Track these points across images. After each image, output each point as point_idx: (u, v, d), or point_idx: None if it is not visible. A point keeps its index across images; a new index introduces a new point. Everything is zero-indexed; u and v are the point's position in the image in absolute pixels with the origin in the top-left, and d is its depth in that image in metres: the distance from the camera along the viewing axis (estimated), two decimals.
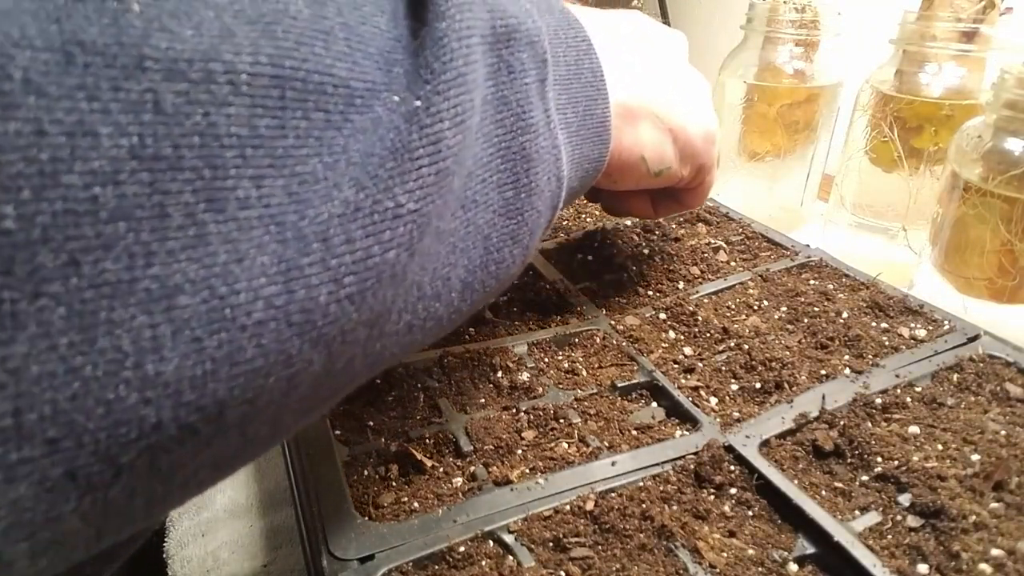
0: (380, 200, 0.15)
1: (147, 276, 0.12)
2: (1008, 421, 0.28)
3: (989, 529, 0.23)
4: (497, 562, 0.23)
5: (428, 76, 0.16)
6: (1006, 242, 0.40)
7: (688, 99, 0.31)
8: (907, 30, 0.50)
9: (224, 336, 0.13)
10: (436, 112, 0.16)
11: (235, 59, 0.13)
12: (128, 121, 0.12)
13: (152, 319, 0.12)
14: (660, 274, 0.41)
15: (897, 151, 0.50)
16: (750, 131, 0.63)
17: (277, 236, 0.13)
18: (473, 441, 0.28)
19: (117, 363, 0.12)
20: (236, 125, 0.13)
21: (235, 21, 0.13)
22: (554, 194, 0.23)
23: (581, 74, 0.26)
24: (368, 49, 0.16)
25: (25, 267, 0.11)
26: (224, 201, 0.13)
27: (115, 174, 0.11)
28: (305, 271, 0.14)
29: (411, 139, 0.16)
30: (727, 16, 1.03)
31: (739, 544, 0.23)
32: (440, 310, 0.19)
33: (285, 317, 0.14)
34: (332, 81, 0.15)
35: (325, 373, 0.16)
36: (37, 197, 0.11)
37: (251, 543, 0.37)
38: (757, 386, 0.31)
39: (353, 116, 0.15)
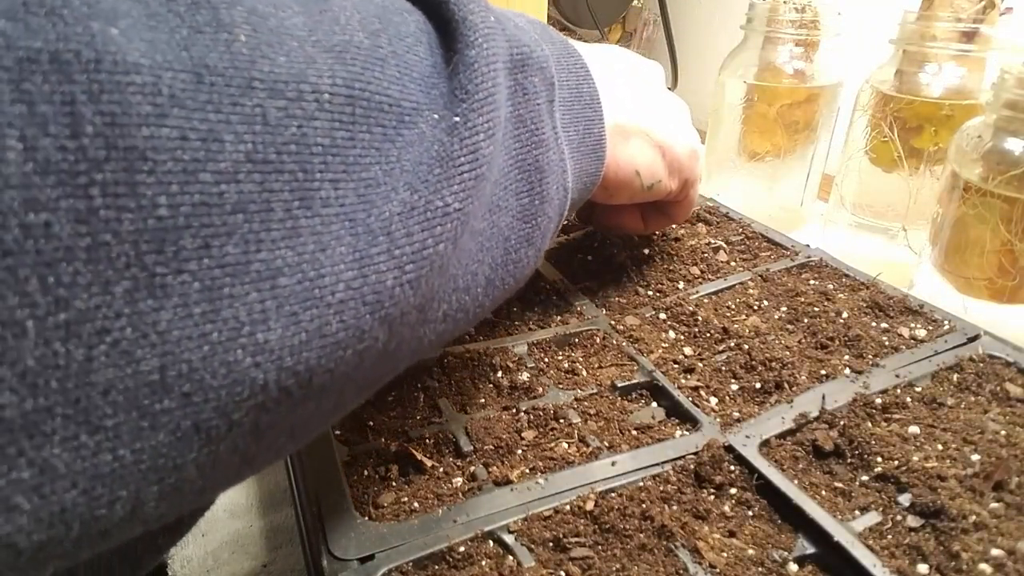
0: (431, 200, 0.18)
1: (257, 259, 0.14)
2: (1008, 421, 0.28)
3: (989, 529, 0.23)
4: (497, 562, 0.23)
5: (463, 96, 0.19)
6: (1006, 242, 0.40)
7: (673, 120, 0.35)
8: (907, 30, 0.50)
9: (315, 312, 0.15)
10: (473, 126, 0.19)
11: (319, 81, 0.15)
12: (244, 131, 0.14)
13: (261, 295, 0.14)
14: (660, 274, 0.41)
15: (897, 151, 0.50)
16: (750, 131, 0.63)
17: (351, 230, 0.16)
18: (473, 441, 0.28)
19: (236, 331, 0.14)
20: (321, 136, 0.15)
21: (315, 50, 0.16)
22: (561, 202, 0.26)
23: (581, 97, 0.28)
24: (413, 74, 0.18)
25: (172, 248, 0.13)
26: (311, 200, 0.15)
27: (235, 174, 0.14)
28: (375, 259, 0.16)
29: (453, 149, 0.18)
30: (727, 16, 1.03)
31: (739, 544, 0.23)
32: (468, 303, 0.22)
33: (361, 297, 0.16)
34: (388, 101, 0.17)
35: (384, 351, 0.18)
36: (182, 190, 0.13)
37: (251, 543, 0.37)
38: (757, 386, 0.31)
39: (403, 131, 0.17)
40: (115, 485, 0.13)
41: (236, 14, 0.15)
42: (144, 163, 0.12)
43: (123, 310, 0.12)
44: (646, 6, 1.19)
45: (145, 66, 0.12)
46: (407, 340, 0.19)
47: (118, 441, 0.12)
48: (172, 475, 0.14)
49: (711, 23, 1.07)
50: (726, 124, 0.64)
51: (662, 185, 0.34)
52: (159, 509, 0.14)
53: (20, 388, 0.11)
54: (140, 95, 0.12)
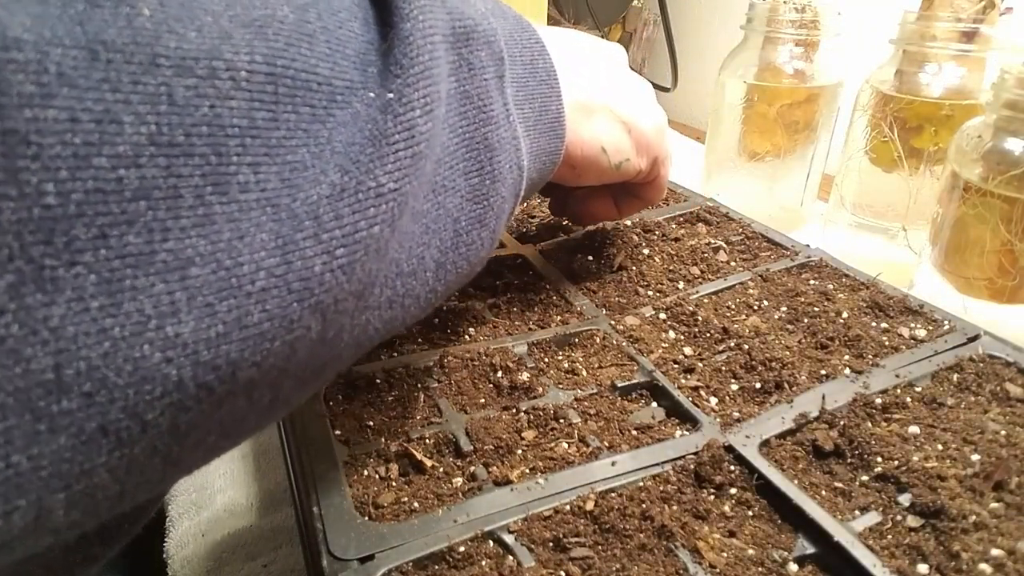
0: (363, 181, 0.17)
1: (163, 249, 0.13)
2: (1008, 421, 0.28)
3: (989, 529, 0.23)
4: (497, 562, 0.23)
5: (398, 71, 0.18)
6: (1006, 242, 0.40)
7: (637, 96, 0.34)
8: (907, 30, 0.50)
9: (233, 302, 0.14)
10: (408, 102, 0.18)
11: (235, 57, 0.14)
12: (147, 111, 0.13)
13: (169, 287, 0.13)
14: (660, 274, 0.41)
15: (897, 151, 0.50)
16: (750, 131, 0.63)
17: (273, 216, 0.15)
18: (473, 441, 0.28)
19: (141, 324, 0.13)
20: (237, 117, 0.14)
21: (231, 24, 0.15)
22: (516, 182, 0.25)
23: (536, 73, 0.27)
24: (346, 51, 0.17)
25: (63, 238, 0.12)
26: (227, 185, 0.14)
27: (136, 158, 0.13)
28: (300, 244, 0.15)
29: (387, 127, 0.17)
30: (727, 16, 1.03)
31: (739, 544, 0.23)
32: (417, 288, 0.21)
33: (285, 285, 0.15)
34: (317, 79, 0.16)
35: (320, 341, 0.17)
36: (72, 176, 0.12)
37: (251, 543, 0.37)
38: (757, 386, 0.31)
39: (335, 111, 0.17)
40: (11, 494, 0.12)
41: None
42: (27, 147, 0.11)
43: (7, 305, 0.11)
44: (646, 6, 1.19)
45: (28, 42, 0.11)
46: (347, 328, 0.18)
47: (10, 447, 0.12)
48: (80, 481, 0.13)
49: (711, 23, 1.07)
50: (726, 124, 0.64)
51: (631, 164, 0.34)
52: (69, 517, 0.13)
53: None
54: (22, 73, 0.11)
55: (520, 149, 0.25)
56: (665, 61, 0.88)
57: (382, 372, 0.32)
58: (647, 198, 0.38)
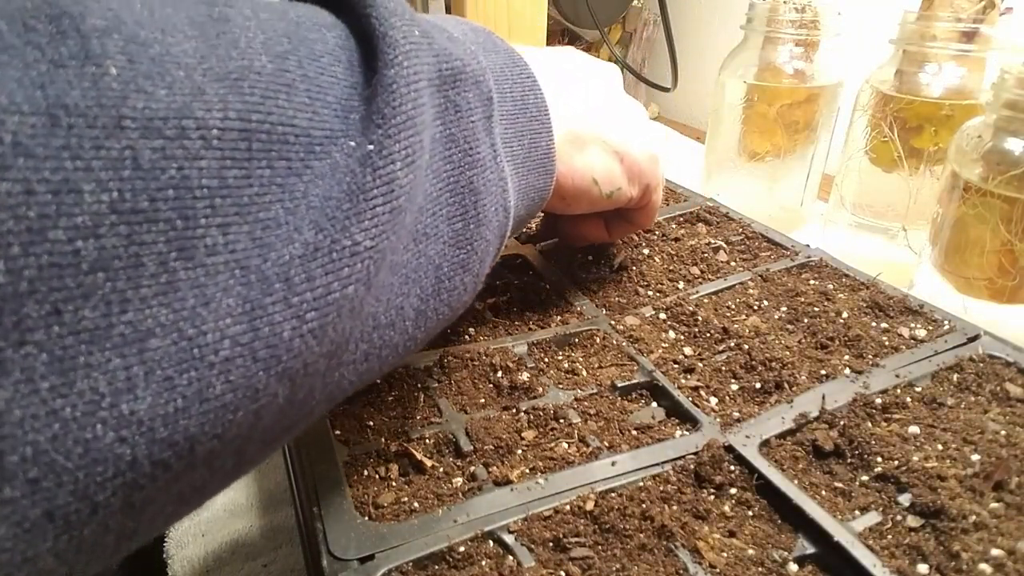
0: (338, 239, 0.16)
1: (121, 322, 0.13)
2: (1008, 421, 0.28)
3: (989, 529, 0.23)
4: (497, 562, 0.23)
5: (380, 121, 0.17)
6: (1006, 242, 0.40)
7: (630, 125, 0.34)
8: (907, 30, 0.50)
9: (194, 374, 0.14)
10: (388, 154, 0.17)
11: (206, 115, 0.14)
12: (109, 177, 0.12)
13: (126, 361, 0.13)
14: (660, 274, 0.41)
15: (897, 151, 0.50)
16: (750, 131, 0.63)
17: (242, 279, 0.14)
18: (473, 441, 0.28)
19: (94, 403, 0.12)
20: (207, 177, 0.14)
21: (204, 79, 0.14)
22: (501, 224, 0.25)
23: (527, 109, 0.27)
24: (327, 98, 0.17)
25: (12, 317, 0.11)
26: (193, 249, 0.14)
27: (96, 228, 0.12)
28: (268, 310, 0.15)
29: (365, 181, 0.17)
30: (727, 16, 1.03)
31: (739, 544, 0.23)
32: (395, 338, 0.21)
33: (251, 353, 0.14)
34: (294, 131, 0.16)
35: (288, 404, 0.17)
36: (25, 252, 0.11)
37: (251, 543, 0.37)
38: (757, 386, 0.31)
39: (313, 163, 0.16)
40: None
41: (109, 44, 0.13)
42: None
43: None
44: (646, 6, 1.19)
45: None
46: (318, 388, 0.18)
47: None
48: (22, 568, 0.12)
49: (711, 23, 1.07)
50: (726, 124, 0.64)
51: (622, 192, 0.33)
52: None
53: None
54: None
55: (507, 190, 0.25)
56: (665, 61, 0.88)
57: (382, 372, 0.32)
58: (638, 223, 0.38)
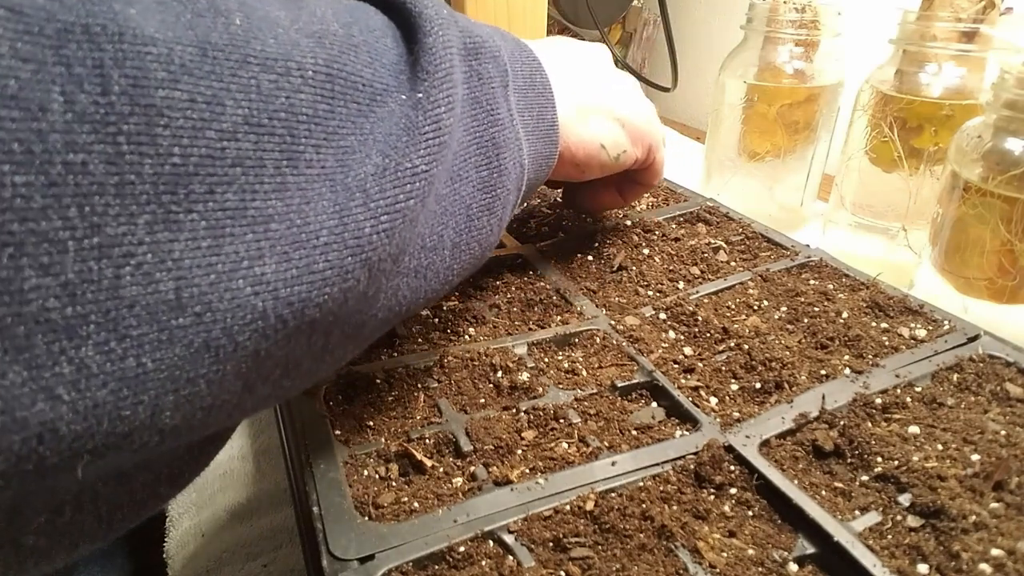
0: (401, 163, 0.20)
1: (252, 207, 0.16)
2: (1008, 421, 0.28)
3: (989, 529, 0.23)
4: (497, 562, 0.23)
5: (424, 76, 0.22)
6: (1006, 242, 0.40)
7: (626, 94, 0.38)
8: (907, 30, 0.50)
9: (303, 252, 0.17)
10: (434, 100, 0.22)
11: (303, 60, 0.18)
12: (242, 97, 0.16)
13: (256, 236, 0.17)
14: (660, 274, 0.41)
15: (897, 151, 0.50)
16: (750, 131, 0.63)
17: (331, 188, 0.18)
18: (473, 441, 0.28)
19: (236, 263, 0.16)
20: (305, 107, 0.18)
21: (298, 35, 0.18)
22: (518, 176, 0.29)
23: (534, 86, 0.31)
24: (383, 60, 0.21)
25: (184, 190, 0.15)
26: (298, 159, 0.18)
27: (235, 134, 0.16)
28: (353, 211, 0.19)
29: (418, 120, 0.21)
30: (727, 16, 1.03)
31: (739, 544, 0.23)
32: (436, 262, 0.25)
33: (343, 242, 0.18)
34: (362, 80, 0.20)
35: (364, 295, 0.20)
36: (192, 143, 0.15)
37: (251, 543, 0.37)
38: (757, 386, 0.31)
39: (376, 108, 0.20)
40: (138, 389, 0.15)
41: (230, 3, 0.17)
42: (161, 119, 0.14)
43: (144, 238, 0.14)
44: (646, 6, 1.19)
45: (160, 39, 0.15)
46: (383, 289, 0.22)
47: (141, 350, 0.14)
48: (187, 387, 0.16)
49: (711, 23, 1.07)
50: (726, 124, 0.64)
51: (628, 154, 0.38)
52: (173, 420, 0.16)
53: (63, 296, 0.13)
54: (157, 63, 0.14)
55: (522, 149, 0.29)
56: (665, 61, 0.88)
57: (382, 372, 0.32)
58: (647, 183, 0.42)
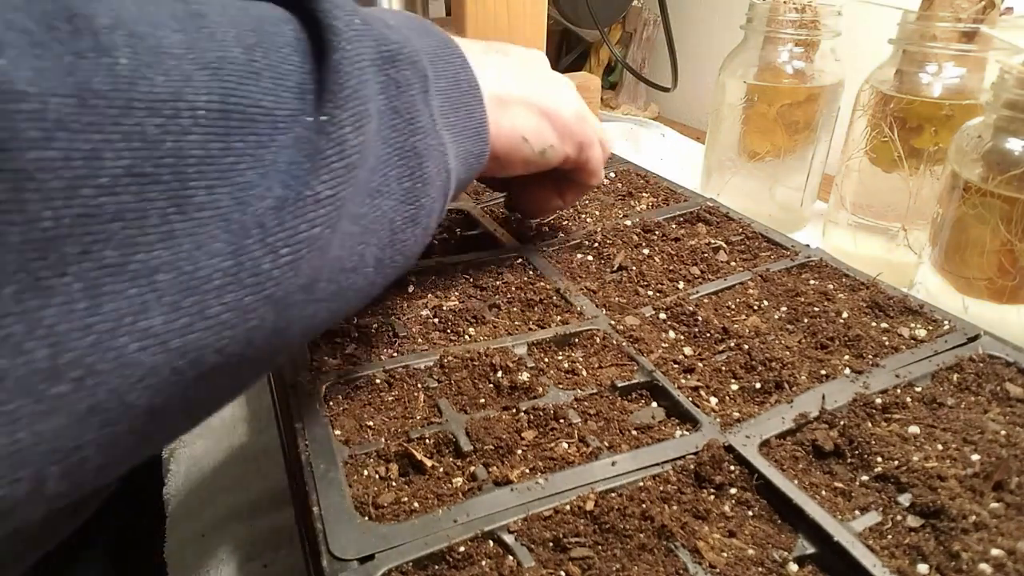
0: (301, 192, 0.19)
1: (134, 260, 0.16)
2: (1008, 421, 0.28)
3: (989, 529, 0.23)
4: (497, 562, 0.23)
5: (330, 96, 0.21)
6: (1006, 242, 0.40)
7: (555, 89, 0.37)
8: (907, 30, 0.50)
9: (194, 298, 0.17)
10: (338, 121, 0.21)
11: (195, 98, 0.17)
12: (124, 148, 0.15)
13: (140, 290, 0.16)
14: (660, 274, 0.41)
15: (897, 151, 0.50)
16: (750, 131, 0.63)
17: (225, 228, 0.18)
18: (473, 441, 0.28)
19: (119, 320, 0.15)
20: (195, 148, 0.17)
21: (192, 67, 0.17)
22: (444, 183, 0.28)
23: (459, 84, 0.30)
24: (287, 83, 0.20)
25: (55, 254, 0.14)
26: (187, 205, 0.17)
27: (114, 187, 0.15)
28: (249, 248, 0.18)
29: (321, 144, 0.20)
30: (727, 16, 1.03)
31: (739, 544, 0.23)
32: (359, 281, 0.24)
33: (239, 282, 0.18)
34: (262, 111, 0.19)
35: (273, 331, 0.20)
36: (65, 205, 0.14)
37: (251, 543, 0.37)
38: (757, 386, 0.31)
39: (278, 136, 0.19)
40: (15, 465, 0.14)
41: (117, 38, 0.16)
42: (30, 182, 0.14)
43: (11, 309, 0.14)
44: (646, 6, 1.19)
45: (33, 93, 0.14)
46: (297, 319, 0.21)
47: (15, 425, 0.14)
48: (73, 455, 0.15)
49: (711, 23, 1.07)
50: (726, 124, 0.64)
51: (555, 151, 0.36)
52: (59, 488, 0.15)
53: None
54: (28, 121, 0.13)
55: (447, 154, 0.28)
56: (665, 61, 0.88)
57: (382, 372, 0.32)
58: (584, 183, 0.41)
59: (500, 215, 0.50)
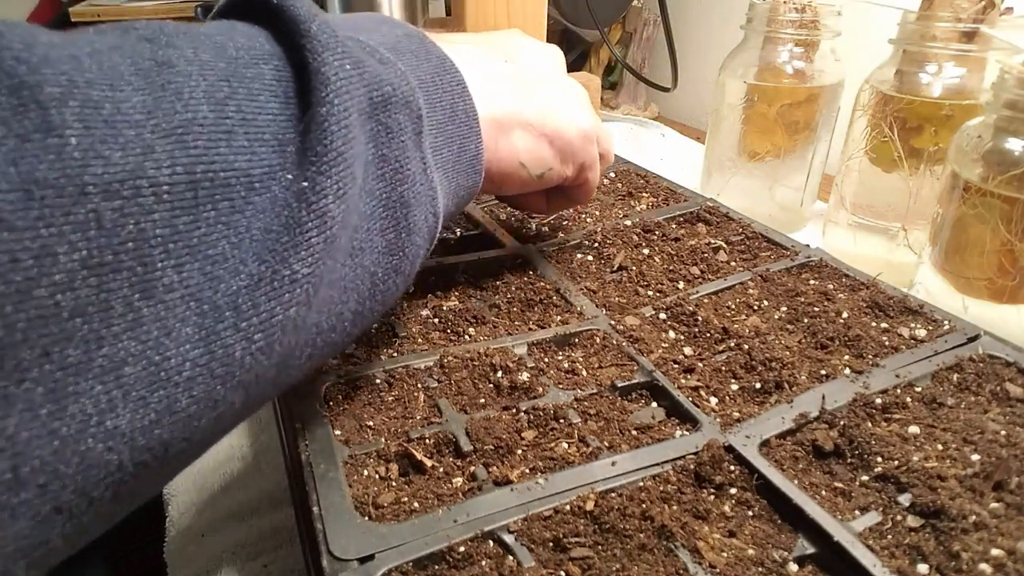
0: (279, 270, 0.18)
1: (99, 356, 0.15)
2: (1008, 421, 0.28)
3: (989, 529, 0.23)
4: (497, 562, 0.23)
5: (313, 158, 0.19)
6: (1006, 242, 0.40)
7: (563, 106, 0.34)
8: (907, 30, 0.50)
9: (163, 393, 0.16)
10: (321, 190, 0.19)
11: (157, 173, 0.16)
12: (78, 239, 0.14)
13: (106, 387, 0.15)
14: (660, 274, 0.41)
15: (897, 151, 0.50)
16: (750, 131, 0.63)
17: (196, 310, 0.16)
18: (473, 441, 0.28)
19: (84, 423, 0.15)
20: (160, 227, 0.16)
21: (154, 136, 0.16)
22: (431, 228, 0.27)
23: (455, 116, 0.29)
24: (264, 136, 0.19)
25: (12, 361, 0.13)
26: (153, 289, 0.16)
27: (71, 282, 0.14)
28: (222, 335, 0.17)
29: (301, 216, 0.19)
30: (727, 16, 1.03)
31: (739, 544, 0.23)
32: (336, 338, 0.23)
33: (209, 372, 0.17)
34: (235, 174, 0.17)
35: (244, 407, 0.19)
36: (16, 310, 0.13)
37: (251, 543, 0.37)
38: (757, 386, 0.31)
39: (254, 198, 0.18)
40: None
41: (67, 113, 0.14)
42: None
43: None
44: (646, 6, 1.19)
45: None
46: (269, 391, 0.20)
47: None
48: (38, 550, 0.15)
49: (711, 23, 1.07)
50: (726, 124, 0.64)
51: (554, 173, 0.35)
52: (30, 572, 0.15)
53: None
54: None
55: (436, 198, 0.27)
56: (665, 61, 0.88)
57: (382, 372, 0.32)
58: (576, 199, 0.40)
59: (500, 215, 0.50)
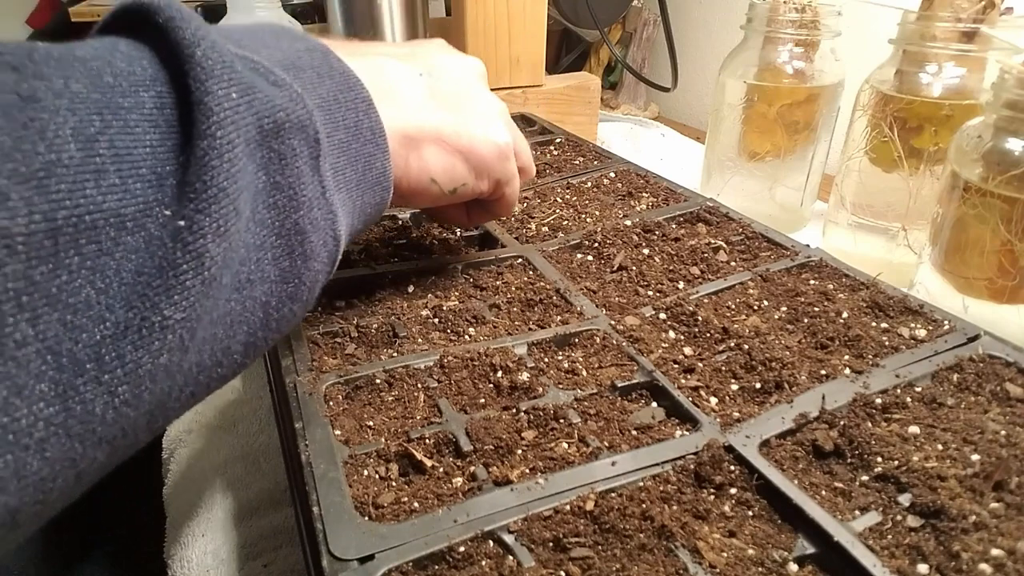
0: (148, 316, 0.17)
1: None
2: (1008, 421, 0.28)
3: (989, 529, 0.23)
4: (497, 562, 0.23)
5: (192, 195, 0.18)
6: (1006, 242, 0.40)
7: (479, 121, 0.34)
8: (907, 30, 0.50)
9: (10, 457, 0.14)
10: (199, 229, 0.18)
11: (10, 224, 0.14)
12: None
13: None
14: (660, 274, 0.41)
15: (897, 151, 0.50)
16: (750, 131, 0.63)
17: (53, 364, 0.15)
18: (473, 441, 0.28)
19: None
20: (12, 280, 0.14)
21: (8, 182, 0.14)
22: (331, 252, 0.26)
23: (360, 133, 0.28)
24: (140, 171, 0.17)
25: None
26: (2, 346, 0.14)
27: None
28: (80, 390, 0.16)
29: (176, 257, 0.17)
30: (727, 16, 1.03)
31: (739, 544, 0.23)
32: (224, 371, 0.22)
33: (65, 431, 0.15)
34: (103, 215, 0.16)
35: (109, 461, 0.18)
36: None
37: (251, 543, 0.37)
38: (757, 386, 0.31)
39: (125, 238, 0.17)
40: None
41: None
42: None
43: None
44: (646, 6, 1.19)
45: None
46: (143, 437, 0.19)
47: None
48: None
49: (711, 23, 1.07)
50: (726, 124, 0.64)
51: (468, 188, 0.34)
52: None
53: None
54: None
55: (336, 222, 0.26)
56: (665, 61, 0.88)
57: (382, 372, 0.32)
58: (495, 213, 0.40)
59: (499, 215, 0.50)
